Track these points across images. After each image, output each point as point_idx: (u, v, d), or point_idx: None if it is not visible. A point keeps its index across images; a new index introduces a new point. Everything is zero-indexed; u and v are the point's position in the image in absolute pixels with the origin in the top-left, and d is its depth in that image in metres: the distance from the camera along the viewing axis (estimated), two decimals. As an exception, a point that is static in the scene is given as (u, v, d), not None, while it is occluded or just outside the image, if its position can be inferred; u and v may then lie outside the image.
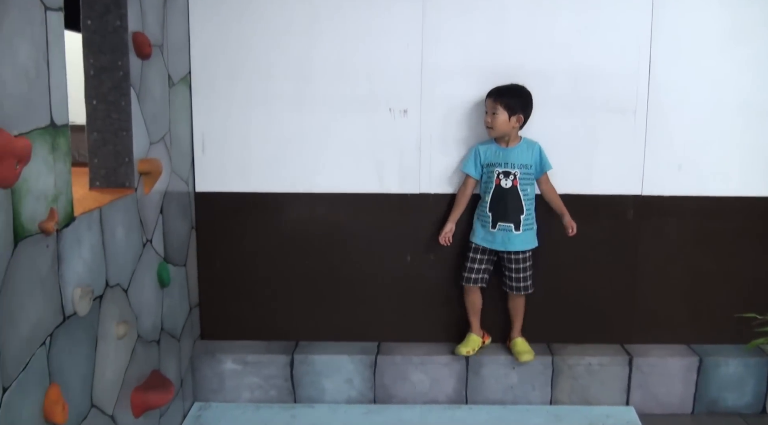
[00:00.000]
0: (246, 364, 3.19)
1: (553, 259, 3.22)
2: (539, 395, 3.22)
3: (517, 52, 3.07)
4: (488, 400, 3.22)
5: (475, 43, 3.07)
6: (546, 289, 3.25)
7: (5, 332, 1.56)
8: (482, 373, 3.20)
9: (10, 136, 1.54)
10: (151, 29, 2.55)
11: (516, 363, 3.18)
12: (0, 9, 1.52)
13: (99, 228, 2.11)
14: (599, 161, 3.16)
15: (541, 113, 3.09)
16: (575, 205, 3.16)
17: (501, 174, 3.02)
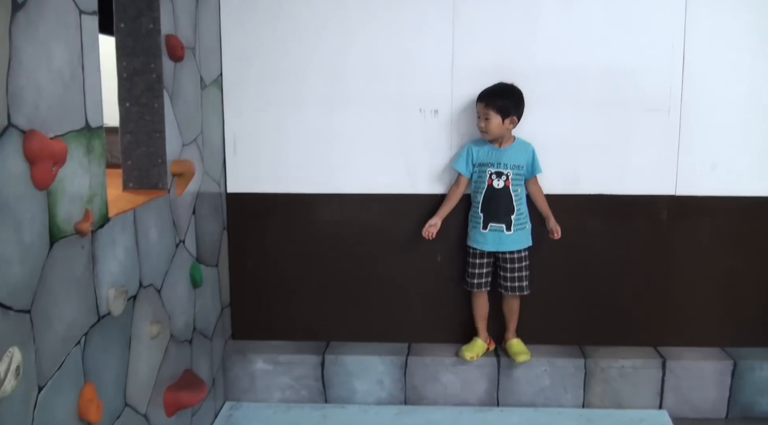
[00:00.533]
0: (277, 364, 3.21)
1: (585, 260, 3.19)
2: (571, 398, 3.18)
3: (548, 51, 3.04)
4: (520, 402, 3.19)
5: (507, 42, 3.04)
6: (578, 291, 3.21)
7: (41, 331, 1.59)
8: (514, 375, 3.17)
9: (46, 138, 1.56)
10: (183, 32, 2.57)
11: (548, 365, 3.15)
12: (36, 13, 1.54)
13: (133, 229, 2.14)
14: (632, 161, 3.11)
15: (574, 112, 3.06)
16: (608, 205, 3.12)
17: (494, 174, 3.00)
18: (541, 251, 3.17)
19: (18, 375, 1.47)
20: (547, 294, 3.23)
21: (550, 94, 3.06)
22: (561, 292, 3.23)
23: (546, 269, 3.20)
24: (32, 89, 1.52)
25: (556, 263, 3.20)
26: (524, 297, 3.18)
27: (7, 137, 1.42)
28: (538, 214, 3.09)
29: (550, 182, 3.12)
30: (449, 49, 3.05)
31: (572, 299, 3.22)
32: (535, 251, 3.17)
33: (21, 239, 1.49)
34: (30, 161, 1.50)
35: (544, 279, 3.21)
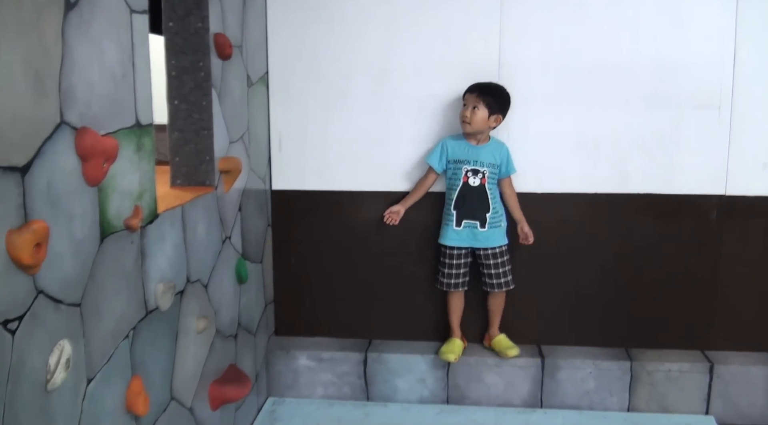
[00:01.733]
0: (320, 361, 3.22)
1: (632, 260, 3.13)
2: (616, 401, 3.13)
3: (597, 46, 2.99)
4: (564, 405, 3.15)
5: (555, 37, 3.00)
6: (625, 291, 3.16)
7: (91, 325, 1.62)
8: (558, 377, 3.13)
9: (98, 135, 1.59)
10: (231, 30, 2.60)
11: (593, 368, 3.10)
12: (88, 12, 1.57)
13: (181, 225, 2.17)
14: (681, 159, 3.05)
15: (622, 109, 3.01)
16: (656, 205, 3.06)
17: (470, 172, 2.98)
18: (587, 251, 3.12)
19: (68, 368, 1.50)
20: (594, 295, 3.18)
21: (599, 91, 3.01)
22: (607, 293, 3.18)
23: (593, 269, 3.15)
24: (84, 87, 1.55)
25: (602, 264, 3.15)
26: (569, 298, 3.14)
27: (60, 134, 1.45)
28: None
29: (598, 181, 3.07)
30: (496, 45, 3.02)
31: (618, 300, 3.17)
32: (581, 251, 3.13)
33: (73, 235, 1.52)
34: (82, 157, 1.53)
35: (591, 280, 3.16)
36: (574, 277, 3.18)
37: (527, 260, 3.16)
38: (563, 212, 3.12)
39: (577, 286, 3.17)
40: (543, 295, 3.19)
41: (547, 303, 3.21)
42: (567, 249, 3.16)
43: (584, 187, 3.10)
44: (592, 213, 3.12)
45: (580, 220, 3.12)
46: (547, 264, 3.17)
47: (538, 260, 3.16)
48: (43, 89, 1.39)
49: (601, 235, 3.13)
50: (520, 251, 3.14)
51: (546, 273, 3.18)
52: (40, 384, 1.42)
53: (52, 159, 1.42)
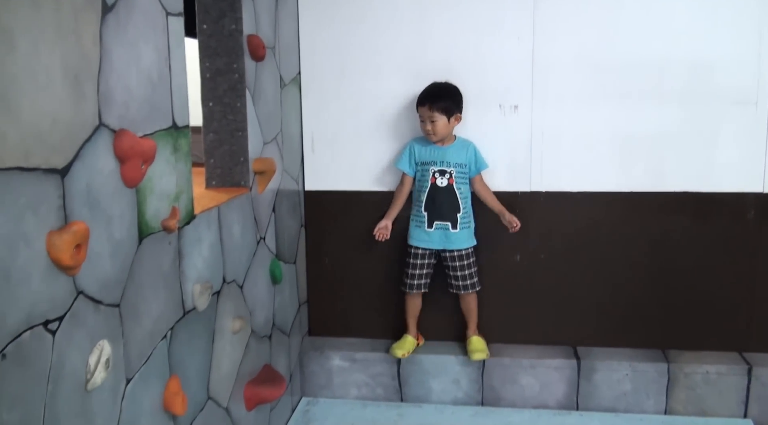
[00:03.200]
0: (354, 361, 3.22)
1: (668, 260, 3.08)
2: (653, 404, 3.08)
3: (631, 42, 2.95)
4: (600, 407, 3.11)
5: (588, 35, 2.96)
6: (661, 292, 3.11)
7: (130, 325, 1.63)
8: (594, 379, 3.09)
9: (136, 137, 1.60)
10: (264, 32, 2.61)
11: (630, 370, 3.05)
12: (125, 15, 1.58)
13: (217, 226, 2.18)
14: (717, 157, 2.99)
15: (657, 106, 2.96)
16: (691, 203, 3.01)
17: (437, 173, 2.96)
18: (623, 250, 3.08)
19: (107, 368, 1.52)
20: (629, 296, 3.13)
21: (633, 88, 2.97)
22: (643, 293, 3.13)
23: (628, 269, 3.11)
24: (122, 89, 1.56)
25: (638, 263, 3.11)
26: (604, 299, 3.09)
27: (99, 136, 1.47)
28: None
29: (633, 180, 3.03)
30: (529, 42, 2.99)
31: (655, 300, 3.12)
32: (617, 251, 3.08)
33: (111, 235, 1.53)
34: (120, 159, 1.54)
35: (626, 280, 3.12)
36: (609, 277, 3.13)
37: (561, 261, 3.13)
38: (598, 211, 3.08)
39: (613, 286, 3.13)
40: (578, 296, 3.15)
41: (582, 304, 3.17)
42: (602, 249, 3.11)
43: (619, 186, 3.06)
44: (627, 212, 3.07)
45: (615, 219, 3.08)
46: (581, 264, 3.14)
47: (572, 261, 3.13)
48: (81, 92, 1.40)
49: (637, 234, 3.08)
50: (555, 252, 3.11)
51: (580, 274, 3.14)
52: (80, 383, 1.44)
53: (91, 161, 1.44)
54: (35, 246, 1.27)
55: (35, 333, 1.27)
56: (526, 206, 3.10)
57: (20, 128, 1.21)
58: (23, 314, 1.24)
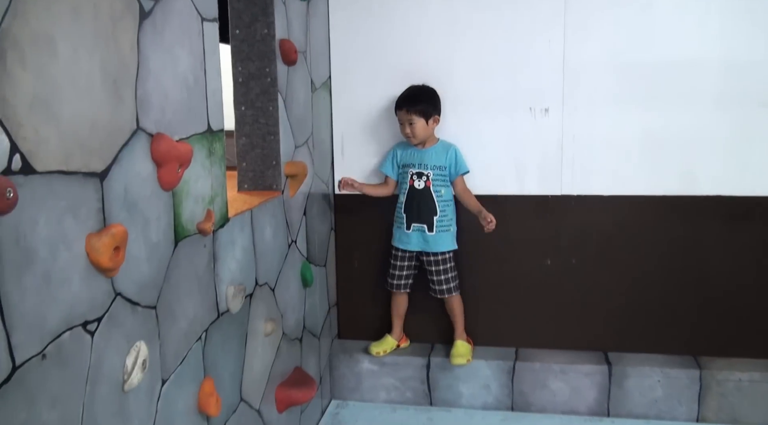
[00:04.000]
0: (383, 365, 3.22)
1: (701, 265, 3.04)
2: (685, 411, 3.03)
3: (664, 44, 2.92)
4: (631, 413, 3.08)
5: (620, 36, 2.94)
6: (692, 297, 3.07)
7: (166, 326, 1.65)
8: (626, 385, 3.06)
9: (173, 141, 1.62)
10: (295, 36, 2.63)
11: (662, 376, 3.02)
12: (161, 20, 1.60)
13: (250, 229, 2.20)
14: (752, 160, 2.95)
15: (691, 108, 2.92)
16: (725, 207, 2.97)
17: (414, 175, 2.99)
18: (655, 255, 3.04)
19: (144, 369, 1.53)
20: (661, 301, 3.10)
21: (666, 90, 2.94)
22: (675, 298, 3.09)
23: (660, 274, 3.07)
24: (159, 94, 1.59)
25: (670, 268, 3.07)
26: (635, 304, 3.06)
27: (136, 140, 1.49)
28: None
29: (665, 183, 3.00)
30: (560, 45, 2.98)
31: (687, 306, 3.08)
32: (648, 255, 3.05)
33: (148, 238, 1.55)
34: (157, 162, 1.56)
35: (658, 284, 3.09)
36: (640, 282, 3.10)
37: (592, 265, 3.11)
38: (629, 215, 3.05)
39: (644, 291, 3.09)
40: (609, 300, 3.12)
41: (614, 309, 3.14)
42: (633, 253, 3.08)
43: (651, 189, 3.03)
44: (658, 216, 3.04)
45: (646, 223, 3.05)
46: (612, 269, 3.11)
47: (603, 265, 3.10)
48: (120, 97, 1.42)
49: (669, 238, 3.05)
50: (586, 256, 3.09)
51: (612, 278, 3.11)
52: (118, 384, 1.46)
53: (128, 165, 1.46)
54: (75, 248, 1.29)
55: (74, 333, 1.30)
56: (556, 210, 3.08)
57: (61, 133, 1.23)
58: (63, 315, 1.26)
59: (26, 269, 1.16)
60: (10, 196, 1.09)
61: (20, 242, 1.14)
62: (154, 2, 1.56)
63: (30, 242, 1.16)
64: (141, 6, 1.51)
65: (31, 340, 1.18)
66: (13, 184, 1.10)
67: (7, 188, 1.08)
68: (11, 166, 1.11)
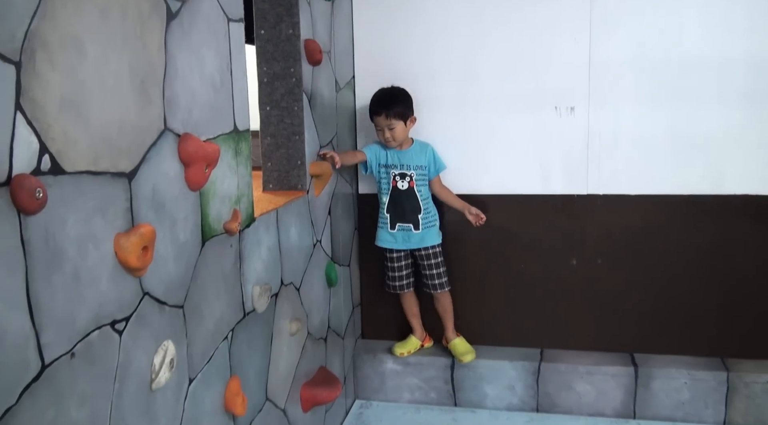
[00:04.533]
0: (407, 365, 3.21)
1: (728, 266, 2.99)
2: (712, 413, 2.99)
3: (692, 42, 2.87)
4: (657, 416, 3.04)
5: (646, 34, 2.90)
6: (720, 298, 3.02)
7: (193, 326, 1.66)
8: (652, 387, 3.02)
9: (200, 141, 1.63)
10: (320, 36, 2.63)
11: (688, 378, 2.97)
12: (188, 21, 1.61)
13: (276, 229, 2.20)
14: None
15: (718, 106, 2.88)
16: (752, 207, 2.93)
17: (398, 176, 2.96)
18: (681, 255, 3.00)
19: (172, 368, 1.54)
20: (688, 302, 3.05)
21: (692, 88, 2.89)
22: (702, 299, 3.04)
23: (687, 274, 3.03)
24: (186, 94, 1.59)
25: (697, 269, 3.02)
26: (662, 305, 3.02)
27: (164, 141, 1.50)
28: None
29: (693, 182, 2.95)
30: (586, 43, 2.94)
31: (714, 307, 3.03)
32: (675, 256, 3.01)
33: (176, 238, 1.56)
34: (185, 163, 1.57)
35: (685, 285, 3.04)
36: (667, 283, 3.06)
37: (618, 265, 3.07)
38: (656, 214, 3.01)
39: (671, 292, 3.05)
40: (635, 301, 3.08)
41: (640, 310, 3.10)
42: (660, 254, 3.04)
43: (677, 188, 2.98)
44: (685, 216, 2.99)
45: (673, 223, 3.00)
46: (638, 269, 3.07)
47: (629, 265, 3.06)
48: (148, 97, 1.43)
49: (696, 238, 3.00)
50: (611, 257, 3.05)
51: (638, 279, 3.07)
52: (145, 383, 1.46)
53: (156, 165, 1.47)
54: (103, 248, 1.30)
55: (103, 332, 1.31)
56: (582, 210, 3.05)
57: (90, 133, 1.24)
58: (92, 315, 1.27)
59: (55, 269, 1.17)
60: (40, 196, 1.10)
61: (49, 242, 1.15)
62: (181, 3, 1.57)
63: (59, 241, 1.17)
64: (168, 7, 1.52)
65: (60, 339, 1.19)
66: (43, 184, 1.11)
67: (36, 188, 1.10)
68: (40, 166, 1.12)
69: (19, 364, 1.09)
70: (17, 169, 1.07)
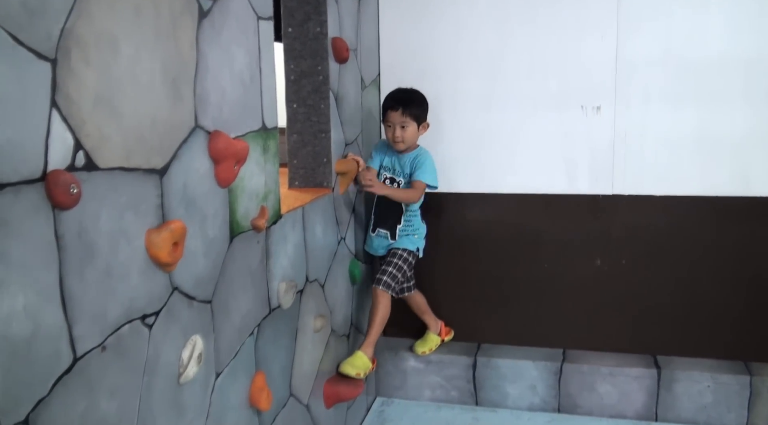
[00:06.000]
0: (428, 363, 3.22)
1: (753, 269, 2.96)
2: (734, 417, 2.96)
3: (720, 39, 2.83)
4: (679, 418, 3.01)
5: (674, 32, 2.87)
6: (744, 301, 2.99)
7: (220, 321, 1.68)
8: (675, 389, 3.00)
9: (230, 138, 1.64)
10: (347, 34, 2.64)
11: (711, 381, 2.95)
12: (219, 19, 1.62)
13: (301, 226, 2.22)
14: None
15: (745, 106, 2.85)
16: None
17: (387, 180, 2.82)
18: (706, 257, 2.98)
19: (200, 362, 1.56)
20: (711, 304, 3.02)
21: (720, 88, 2.86)
22: (726, 301, 3.01)
23: (711, 277, 3.00)
24: (217, 92, 1.61)
25: (721, 271, 2.99)
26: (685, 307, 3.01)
27: (195, 138, 1.51)
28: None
29: (719, 184, 2.92)
30: (613, 42, 2.92)
31: (738, 310, 3.00)
32: (699, 257, 2.98)
33: (205, 234, 1.58)
34: (215, 160, 1.59)
35: (709, 287, 3.01)
36: (691, 284, 3.03)
37: (643, 266, 3.05)
38: (681, 215, 2.98)
39: (695, 294, 3.03)
40: (659, 302, 3.06)
41: (663, 311, 3.07)
42: (685, 255, 3.02)
43: (704, 189, 2.95)
44: (711, 217, 2.96)
45: (698, 224, 2.98)
46: (663, 270, 3.04)
47: (654, 266, 3.04)
48: (179, 94, 1.45)
49: (721, 240, 2.97)
50: (636, 257, 3.03)
51: (662, 280, 3.05)
52: (174, 377, 1.48)
53: (187, 161, 1.48)
54: (135, 243, 1.32)
55: (133, 326, 1.32)
56: (607, 210, 3.03)
57: (123, 130, 1.26)
58: (123, 309, 1.29)
59: (88, 263, 1.19)
60: (74, 192, 1.12)
61: (82, 237, 1.17)
62: (213, 1, 1.58)
63: (92, 236, 1.19)
64: (200, 5, 1.53)
65: (92, 332, 1.21)
66: (77, 180, 1.13)
67: (71, 184, 1.11)
68: (75, 162, 1.14)
69: (52, 356, 1.11)
70: (52, 165, 1.09)
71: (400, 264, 2.81)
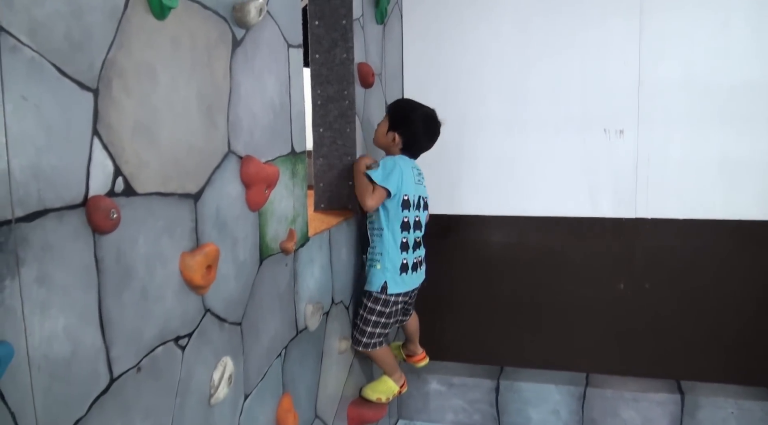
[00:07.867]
0: (451, 386, 3.22)
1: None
2: (760, 444, 2.93)
3: (743, 63, 2.85)
4: (704, 445, 2.99)
5: (697, 56, 2.88)
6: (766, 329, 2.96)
7: (249, 343, 1.70)
8: (698, 416, 2.97)
9: (261, 163, 1.68)
10: (372, 59, 2.68)
11: (735, 408, 2.92)
12: (252, 48, 1.67)
13: (328, 248, 2.24)
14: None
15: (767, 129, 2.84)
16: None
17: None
18: (730, 282, 2.96)
19: (230, 384, 1.58)
20: (736, 330, 3.00)
21: (743, 111, 2.87)
22: (751, 327, 2.99)
23: (736, 302, 2.98)
24: (249, 118, 1.65)
25: (746, 297, 2.97)
26: (709, 332, 2.98)
27: (227, 163, 1.55)
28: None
29: (743, 208, 2.91)
30: (635, 66, 2.94)
31: (762, 336, 2.97)
32: (724, 282, 2.96)
33: (236, 257, 1.61)
34: (246, 184, 1.62)
35: (734, 312, 2.99)
36: (715, 309, 3.01)
37: (666, 290, 3.04)
38: (705, 239, 2.97)
39: (719, 319, 3.00)
40: (683, 327, 3.04)
41: (687, 336, 3.05)
42: (709, 279, 3.00)
43: (727, 214, 2.94)
44: (735, 241, 2.95)
45: (722, 248, 2.97)
46: (687, 295, 3.03)
47: (677, 290, 3.03)
48: (213, 121, 1.48)
49: (745, 265, 2.96)
50: (660, 281, 3.02)
51: (686, 304, 3.03)
52: (205, 398, 1.51)
53: (220, 186, 1.52)
54: (170, 267, 1.35)
55: (167, 348, 1.35)
56: (630, 233, 3.03)
57: (160, 157, 1.30)
58: (157, 330, 1.32)
59: (125, 286, 1.22)
60: (114, 217, 1.16)
61: (120, 260, 1.20)
62: (246, 31, 1.63)
63: (129, 260, 1.23)
64: (233, 35, 1.57)
65: (128, 353, 1.23)
66: (117, 205, 1.17)
67: (111, 209, 1.15)
68: (114, 188, 1.18)
69: (90, 377, 1.14)
70: (93, 190, 1.13)
71: (365, 316, 2.45)
